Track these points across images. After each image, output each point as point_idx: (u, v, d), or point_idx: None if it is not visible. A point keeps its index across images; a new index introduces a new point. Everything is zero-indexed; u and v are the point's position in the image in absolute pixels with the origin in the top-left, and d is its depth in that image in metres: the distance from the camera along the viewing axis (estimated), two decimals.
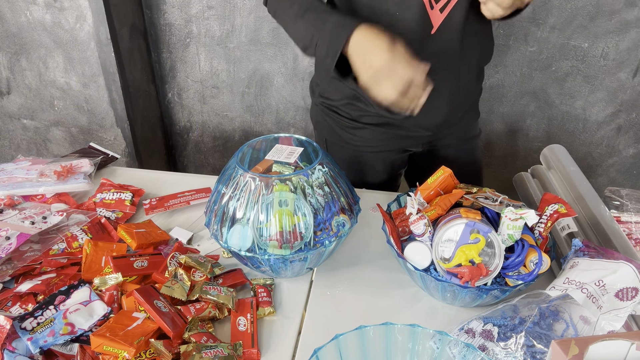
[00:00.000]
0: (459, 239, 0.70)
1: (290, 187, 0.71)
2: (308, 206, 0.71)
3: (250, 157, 0.83)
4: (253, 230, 0.71)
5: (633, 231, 0.85)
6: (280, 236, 0.71)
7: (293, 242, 0.72)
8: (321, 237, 0.73)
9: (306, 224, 0.72)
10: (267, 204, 0.70)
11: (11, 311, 0.72)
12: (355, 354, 0.60)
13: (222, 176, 0.77)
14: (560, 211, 0.74)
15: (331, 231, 0.74)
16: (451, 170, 0.80)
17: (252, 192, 0.71)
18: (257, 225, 0.71)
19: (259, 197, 0.71)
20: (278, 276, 0.82)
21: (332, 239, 0.74)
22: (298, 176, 0.72)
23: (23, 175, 1.01)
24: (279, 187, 0.71)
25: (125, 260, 0.80)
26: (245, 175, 0.72)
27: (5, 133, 2.15)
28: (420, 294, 0.80)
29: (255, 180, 0.71)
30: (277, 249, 0.72)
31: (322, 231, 0.74)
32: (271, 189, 0.71)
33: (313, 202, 0.72)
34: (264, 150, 0.84)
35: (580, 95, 1.76)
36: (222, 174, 0.77)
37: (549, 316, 0.65)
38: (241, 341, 0.69)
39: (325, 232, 0.74)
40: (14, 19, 1.79)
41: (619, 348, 0.53)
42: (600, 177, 1.94)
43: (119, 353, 0.64)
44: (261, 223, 0.71)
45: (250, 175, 0.72)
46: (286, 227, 0.71)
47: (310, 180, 0.72)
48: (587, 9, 1.59)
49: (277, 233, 0.71)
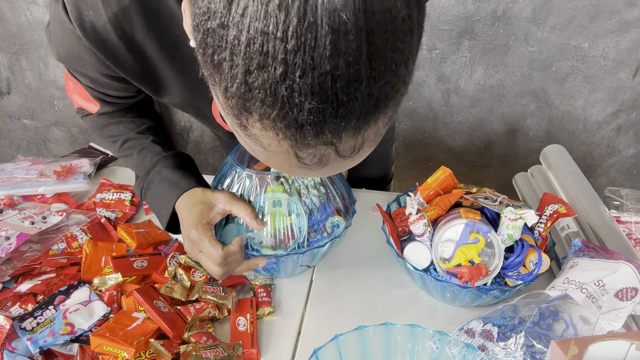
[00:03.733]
0: (458, 239, 0.70)
1: (285, 186, 0.71)
2: (302, 206, 0.71)
3: (250, 155, 0.83)
4: (247, 230, 0.71)
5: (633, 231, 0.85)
6: (273, 237, 0.71)
7: (286, 243, 0.71)
8: (315, 238, 0.73)
9: (300, 225, 0.71)
10: (260, 205, 0.70)
11: (11, 311, 0.72)
12: (355, 354, 0.60)
13: (218, 173, 0.77)
14: (560, 211, 0.74)
15: (325, 232, 0.74)
16: (451, 171, 0.80)
17: (247, 191, 0.71)
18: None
19: (252, 198, 0.71)
20: (272, 277, 0.82)
21: (326, 240, 0.74)
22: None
23: (23, 175, 1.01)
24: (272, 187, 0.70)
25: (125, 260, 0.80)
26: (242, 172, 0.72)
27: (5, 133, 2.15)
28: (420, 294, 0.80)
29: (252, 178, 0.71)
30: (270, 250, 0.72)
31: (316, 232, 0.73)
32: (265, 188, 0.70)
33: (307, 202, 0.72)
34: None
35: (580, 95, 1.76)
36: (219, 170, 0.77)
37: (549, 316, 0.65)
38: (241, 341, 0.69)
39: (319, 232, 0.74)
40: (14, 19, 1.79)
41: (619, 348, 0.53)
42: (600, 177, 1.94)
43: (119, 353, 0.64)
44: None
45: (247, 173, 0.71)
46: (280, 228, 0.71)
47: (305, 180, 0.72)
48: (587, 9, 1.59)
49: (270, 234, 0.71)
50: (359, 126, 0.39)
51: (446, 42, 1.73)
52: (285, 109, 0.36)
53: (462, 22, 1.68)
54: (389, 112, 0.40)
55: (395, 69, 0.37)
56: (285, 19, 0.33)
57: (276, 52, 0.34)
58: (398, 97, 0.40)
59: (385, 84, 0.37)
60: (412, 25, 0.37)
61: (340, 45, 0.33)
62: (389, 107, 0.40)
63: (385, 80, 0.37)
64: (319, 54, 0.33)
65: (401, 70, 0.37)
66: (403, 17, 0.35)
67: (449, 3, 1.65)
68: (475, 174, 2.01)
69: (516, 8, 1.62)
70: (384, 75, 0.36)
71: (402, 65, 0.37)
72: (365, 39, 0.34)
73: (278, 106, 0.36)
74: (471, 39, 1.71)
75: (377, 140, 0.44)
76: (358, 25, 0.33)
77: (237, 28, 0.34)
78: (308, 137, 0.38)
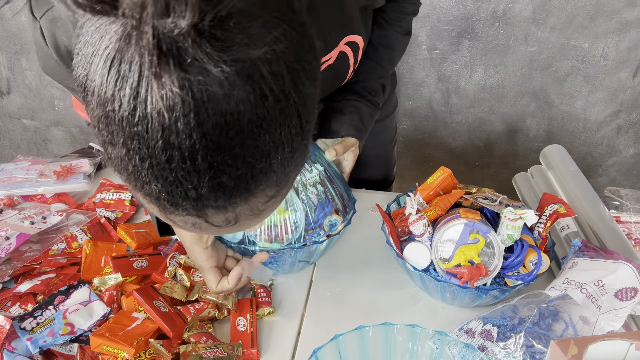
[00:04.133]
0: (458, 239, 0.70)
1: None
2: (300, 203, 0.72)
3: None
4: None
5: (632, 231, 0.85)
6: (269, 230, 0.72)
7: (282, 237, 0.72)
8: (312, 235, 0.74)
9: (296, 221, 0.72)
10: None
11: (11, 311, 0.72)
12: (354, 354, 0.60)
13: None
14: (559, 211, 0.74)
15: (322, 230, 0.74)
16: (450, 171, 0.80)
17: None
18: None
19: None
20: (273, 273, 0.82)
21: (323, 238, 0.74)
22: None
23: (22, 175, 1.01)
24: None
25: (125, 260, 0.80)
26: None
27: (5, 133, 2.15)
28: (419, 294, 0.80)
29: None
30: (267, 243, 0.73)
31: (313, 230, 0.74)
32: None
33: (305, 199, 0.72)
34: None
35: (580, 95, 1.76)
36: None
37: (549, 316, 0.65)
38: (241, 341, 0.69)
39: (316, 230, 0.74)
40: (14, 18, 1.79)
41: (618, 348, 0.53)
42: (600, 177, 1.94)
43: (119, 353, 0.64)
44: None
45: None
46: (275, 222, 0.71)
47: (304, 178, 0.73)
48: (587, 9, 1.59)
49: (267, 227, 0.72)
50: (224, 206, 0.39)
51: (446, 42, 1.73)
52: (138, 183, 0.37)
53: (462, 22, 1.68)
54: (261, 195, 0.41)
55: (252, 162, 0.37)
56: (119, 108, 0.33)
57: (118, 135, 0.35)
58: (269, 181, 0.40)
59: (240, 175, 0.37)
60: (267, 123, 0.36)
61: (172, 141, 0.34)
62: (257, 191, 0.40)
63: (238, 173, 0.37)
64: (152, 145, 0.34)
65: (259, 163, 0.37)
66: (249, 119, 0.35)
67: (449, 3, 1.65)
68: (475, 174, 2.01)
69: (516, 8, 1.62)
70: (235, 168, 0.36)
71: (261, 159, 0.37)
72: (200, 138, 0.34)
73: (132, 179, 0.37)
74: (471, 39, 1.71)
75: (269, 208, 0.44)
76: (189, 125, 0.33)
77: (91, 104, 0.36)
78: (169, 208, 0.39)
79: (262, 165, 0.38)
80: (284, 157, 0.39)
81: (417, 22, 1.71)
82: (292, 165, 0.41)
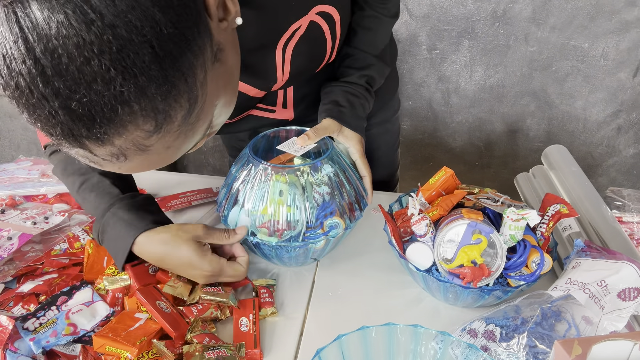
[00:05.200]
0: (460, 239, 0.70)
1: (286, 178, 0.73)
2: (304, 201, 0.73)
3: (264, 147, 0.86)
4: (248, 214, 0.75)
5: (635, 231, 0.85)
6: (270, 224, 0.73)
7: (282, 231, 0.73)
8: (311, 234, 0.75)
9: (297, 217, 0.73)
10: (263, 192, 0.73)
11: (13, 311, 0.72)
12: (357, 354, 0.60)
13: (238, 159, 0.80)
14: (562, 212, 0.74)
15: (321, 230, 0.74)
16: (453, 171, 0.80)
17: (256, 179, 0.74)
18: (252, 211, 0.74)
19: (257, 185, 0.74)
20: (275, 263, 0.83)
21: (321, 237, 0.74)
22: (301, 170, 0.74)
23: (25, 175, 1.01)
24: (276, 177, 0.73)
25: (141, 267, 0.77)
26: (258, 164, 0.75)
27: (5, 133, 2.15)
28: (422, 295, 0.80)
29: (267, 170, 0.74)
30: (266, 236, 0.74)
31: (313, 228, 0.74)
32: (270, 177, 0.73)
33: (309, 198, 0.74)
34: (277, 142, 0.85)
35: (580, 95, 1.76)
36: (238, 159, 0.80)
37: (551, 316, 0.66)
38: (244, 342, 0.70)
39: (315, 230, 0.74)
40: None
41: (622, 348, 0.53)
42: (600, 177, 1.95)
43: (122, 353, 0.64)
44: (256, 209, 0.74)
45: (263, 166, 0.74)
46: (276, 216, 0.73)
47: (310, 177, 0.73)
48: (587, 9, 1.59)
49: (268, 221, 0.73)
50: (96, 137, 0.41)
51: (446, 42, 1.73)
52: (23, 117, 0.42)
53: (462, 22, 1.68)
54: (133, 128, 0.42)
55: (97, 88, 0.39)
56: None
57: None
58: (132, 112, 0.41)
59: (90, 102, 0.39)
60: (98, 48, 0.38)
61: (14, 67, 0.38)
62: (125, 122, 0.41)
63: (85, 100, 0.39)
64: (4, 74, 0.39)
65: (106, 90, 0.39)
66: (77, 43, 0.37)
67: (449, 3, 1.65)
68: (475, 174, 2.01)
69: (516, 8, 1.63)
70: (80, 94, 0.38)
71: (107, 85, 0.39)
72: (34, 63, 0.37)
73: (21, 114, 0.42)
74: (471, 39, 1.71)
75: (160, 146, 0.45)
76: (21, 52, 0.37)
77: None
78: (54, 139, 0.42)
79: (110, 93, 0.39)
80: (139, 85, 0.40)
81: (417, 22, 1.71)
82: (159, 96, 0.41)
